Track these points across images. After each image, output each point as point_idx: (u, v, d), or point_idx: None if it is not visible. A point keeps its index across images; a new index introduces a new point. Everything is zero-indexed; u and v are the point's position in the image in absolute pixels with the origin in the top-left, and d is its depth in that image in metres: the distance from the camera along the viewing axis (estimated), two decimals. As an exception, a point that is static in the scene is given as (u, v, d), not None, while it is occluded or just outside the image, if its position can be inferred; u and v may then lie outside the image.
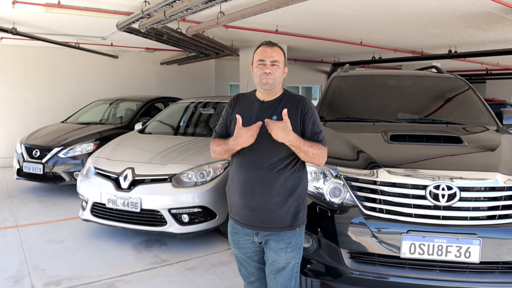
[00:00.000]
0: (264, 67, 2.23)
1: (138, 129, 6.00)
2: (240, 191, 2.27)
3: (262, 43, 2.31)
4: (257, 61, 2.26)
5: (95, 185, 4.53)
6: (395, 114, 4.05)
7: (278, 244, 2.25)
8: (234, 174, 2.32)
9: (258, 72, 2.24)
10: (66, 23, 7.03)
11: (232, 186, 2.34)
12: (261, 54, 2.25)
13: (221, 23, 5.75)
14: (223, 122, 2.38)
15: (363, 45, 9.03)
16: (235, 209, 2.34)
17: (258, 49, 2.30)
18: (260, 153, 2.22)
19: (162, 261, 4.07)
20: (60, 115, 9.18)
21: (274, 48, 2.28)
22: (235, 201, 2.32)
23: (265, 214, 2.23)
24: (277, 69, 2.25)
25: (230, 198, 2.37)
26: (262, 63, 2.23)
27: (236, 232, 2.34)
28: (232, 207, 2.37)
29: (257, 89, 2.33)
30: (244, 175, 2.26)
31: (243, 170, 2.26)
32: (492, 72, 15.28)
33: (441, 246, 2.52)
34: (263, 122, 2.18)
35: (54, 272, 3.82)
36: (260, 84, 2.26)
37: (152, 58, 11.50)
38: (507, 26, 6.76)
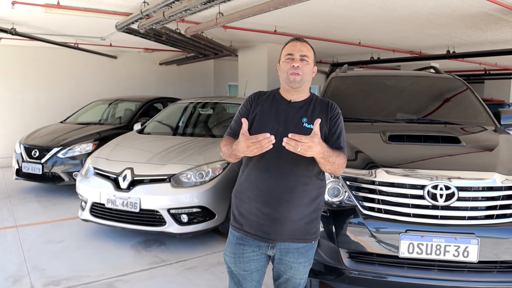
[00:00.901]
0: (292, 61, 2.03)
1: (137, 130, 6.00)
2: (262, 199, 2.01)
3: (290, 39, 2.13)
4: (285, 55, 2.06)
5: (94, 185, 4.54)
6: (393, 114, 4.06)
7: (298, 259, 2.07)
8: (254, 179, 2.05)
9: (285, 67, 2.04)
10: (65, 23, 7.03)
11: (249, 192, 2.06)
12: (289, 48, 2.06)
13: (220, 23, 5.76)
14: (240, 119, 2.05)
15: (361, 45, 9.05)
16: (247, 219, 2.06)
17: (286, 45, 2.11)
18: (289, 158, 1.96)
19: (161, 261, 4.08)
20: (59, 115, 9.18)
21: (304, 43, 2.09)
22: (251, 210, 2.04)
23: (289, 225, 2.01)
24: (307, 64, 2.04)
25: (242, 206, 2.08)
26: (291, 57, 2.04)
27: (243, 244, 2.07)
28: (242, 216, 2.08)
29: (283, 86, 2.11)
30: (269, 181, 2.00)
31: (269, 176, 2.01)
32: (490, 72, 15.30)
33: (439, 245, 2.53)
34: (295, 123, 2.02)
35: (53, 272, 3.83)
36: (287, 80, 2.04)
37: (151, 58, 11.50)
38: (505, 27, 6.79)
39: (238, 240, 2.09)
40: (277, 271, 2.15)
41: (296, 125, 2.02)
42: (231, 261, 2.12)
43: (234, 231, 2.11)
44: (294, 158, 1.93)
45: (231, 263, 2.12)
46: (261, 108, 2.09)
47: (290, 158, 1.95)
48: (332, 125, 2.08)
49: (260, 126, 2.02)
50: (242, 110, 2.15)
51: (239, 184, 2.13)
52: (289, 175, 2.00)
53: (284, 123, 2.02)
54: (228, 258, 2.13)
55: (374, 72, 6.81)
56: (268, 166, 2.01)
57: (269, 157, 1.97)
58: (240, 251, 2.08)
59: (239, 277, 2.12)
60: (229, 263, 2.13)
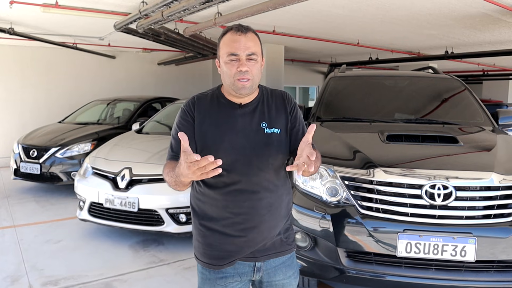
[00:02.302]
0: (238, 64, 1.60)
1: (135, 129, 6.01)
2: (241, 225, 1.67)
3: (229, 28, 1.65)
4: (226, 54, 1.61)
5: (93, 185, 4.54)
6: (391, 114, 4.07)
7: (287, 273, 1.80)
8: (224, 204, 1.67)
9: (230, 71, 1.62)
10: (64, 23, 7.03)
11: (221, 220, 1.68)
12: (232, 45, 1.60)
13: (219, 23, 5.76)
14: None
15: (360, 45, 9.07)
16: (225, 251, 1.69)
17: (225, 37, 1.64)
18: (259, 171, 1.67)
19: (160, 261, 4.08)
20: (57, 115, 9.18)
21: (249, 34, 1.63)
22: (227, 240, 1.68)
23: (273, 241, 1.75)
24: (255, 64, 1.64)
25: (212, 237, 1.69)
26: (235, 57, 1.61)
27: (224, 277, 1.70)
28: (211, 247, 1.70)
29: (229, 91, 1.69)
30: (246, 204, 1.66)
31: (243, 198, 1.66)
32: (488, 73, 15.34)
33: (437, 245, 2.53)
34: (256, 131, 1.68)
35: (51, 272, 3.82)
36: (234, 87, 1.63)
37: (149, 58, 11.50)
38: (503, 27, 6.81)
39: (216, 274, 1.71)
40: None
41: (257, 132, 1.68)
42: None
43: (208, 268, 1.71)
44: (263, 170, 1.67)
45: None
46: (208, 119, 1.67)
47: (259, 171, 1.67)
48: (294, 119, 1.76)
49: (215, 141, 1.64)
50: (182, 124, 1.68)
51: (201, 210, 1.72)
52: (264, 191, 1.68)
53: (242, 133, 1.66)
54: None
55: (372, 72, 6.82)
56: (239, 185, 1.65)
57: (236, 175, 1.64)
58: (223, 284, 1.71)
59: None
60: None
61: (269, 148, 1.68)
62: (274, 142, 1.69)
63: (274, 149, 1.69)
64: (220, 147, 1.63)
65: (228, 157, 1.60)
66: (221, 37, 1.67)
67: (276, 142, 1.69)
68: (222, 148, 1.63)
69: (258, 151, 1.66)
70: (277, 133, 1.70)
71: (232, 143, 1.64)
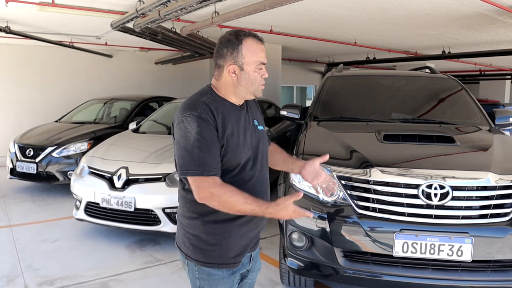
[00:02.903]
0: (264, 72, 1.74)
1: (132, 129, 5.99)
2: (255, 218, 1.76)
3: (250, 34, 1.72)
4: (256, 63, 1.70)
5: (89, 184, 4.52)
6: (388, 114, 4.07)
7: (258, 256, 1.97)
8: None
9: (257, 77, 1.72)
10: (60, 22, 7.00)
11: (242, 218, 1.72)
12: (260, 55, 1.72)
13: (216, 22, 5.75)
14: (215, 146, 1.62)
15: (357, 45, 9.07)
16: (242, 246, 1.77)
17: (251, 44, 1.70)
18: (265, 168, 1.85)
19: (156, 261, 4.07)
20: (54, 115, 9.14)
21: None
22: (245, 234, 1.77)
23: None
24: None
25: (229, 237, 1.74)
26: (263, 66, 1.74)
27: (234, 273, 1.79)
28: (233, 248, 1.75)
29: (237, 95, 1.75)
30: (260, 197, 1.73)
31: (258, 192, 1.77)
32: (485, 73, 15.39)
33: (434, 244, 2.54)
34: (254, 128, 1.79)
35: (47, 271, 3.81)
36: (257, 92, 1.75)
37: (146, 57, 11.47)
38: (500, 27, 6.82)
39: (228, 272, 1.77)
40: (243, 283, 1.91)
41: (255, 130, 1.80)
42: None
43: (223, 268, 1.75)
44: (264, 164, 1.83)
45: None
46: (227, 122, 1.68)
47: (263, 165, 1.82)
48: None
49: (237, 143, 1.70)
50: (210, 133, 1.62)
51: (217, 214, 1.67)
52: (267, 182, 1.87)
53: (249, 131, 1.77)
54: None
55: (369, 72, 6.83)
56: (253, 181, 1.75)
57: (252, 171, 1.75)
58: (232, 282, 1.79)
59: None
60: None
61: (264, 143, 1.85)
62: (264, 137, 1.86)
63: (265, 144, 1.87)
64: (242, 147, 1.70)
65: (247, 155, 1.72)
66: (240, 42, 1.69)
67: (264, 138, 1.87)
68: (244, 147, 1.71)
69: (260, 147, 1.80)
70: (263, 130, 1.87)
71: (247, 142, 1.74)
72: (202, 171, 1.59)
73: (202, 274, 1.77)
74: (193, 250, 1.76)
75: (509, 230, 2.54)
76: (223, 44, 1.72)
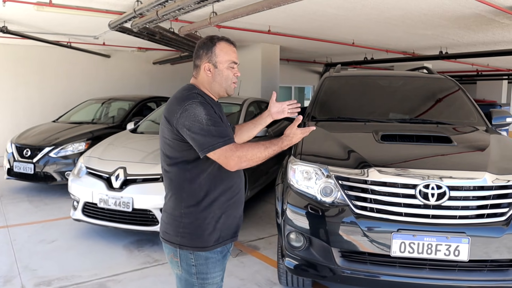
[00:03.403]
0: (235, 70, 1.96)
1: (130, 129, 5.97)
2: (240, 200, 1.99)
3: (223, 38, 1.96)
4: (229, 62, 1.93)
5: (87, 184, 4.51)
6: (386, 114, 4.08)
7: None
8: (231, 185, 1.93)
9: (230, 75, 1.94)
10: (58, 22, 6.99)
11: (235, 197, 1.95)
12: (232, 55, 1.94)
13: (214, 23, 5.76)
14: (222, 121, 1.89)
15: (355, 45, 9.08)
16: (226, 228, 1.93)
17: (223, 46, 1.93)
18: None
19: (154, 261, 4.07)
20: (51, 115, 9.13)
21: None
22: (232, 214, 1.95)
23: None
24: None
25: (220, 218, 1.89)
26: (235, 65, 1.96)
27: (226, 253, 1.96)
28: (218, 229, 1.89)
29: (214, 92, 1.96)
30: (240, 183, 1.99)
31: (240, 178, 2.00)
32: (482, 73, 15.44)
33: (431, 244, 2.54)
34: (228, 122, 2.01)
35: (44, 272, 3.80)
36: (229, 89, 1.96)
37: (144, 57, 11.47)
38: (497, 28, 6.84)
39: (221, 253, 1.93)
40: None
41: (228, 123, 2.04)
42: (218, 280, 1.94)
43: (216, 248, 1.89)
44: None
45: (218, 282, 1.94)
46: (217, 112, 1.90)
47: None
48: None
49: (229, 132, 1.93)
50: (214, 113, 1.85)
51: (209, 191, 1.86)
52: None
53: (228, 126, 1.98)
54: (217, 279, 1.93)
55: (367, 72, 6.83)
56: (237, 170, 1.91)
57: None
58: (225, 263, 1.97)
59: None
60: (216, 284, 1.94)
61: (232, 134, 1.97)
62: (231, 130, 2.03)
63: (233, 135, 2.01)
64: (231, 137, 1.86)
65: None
66: (214, 44, 1.92)
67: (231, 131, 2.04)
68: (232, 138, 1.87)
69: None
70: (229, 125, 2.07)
71: (232, 133, 1.92)
72: (224, 141, 1.77)
73: (199, 259, 1.88)
74: (190, 238, 1.86)
75: (505, 229, 2.55)
76: (200, 47, 1.95)
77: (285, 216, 2.93)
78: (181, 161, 1.87)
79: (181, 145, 1.85)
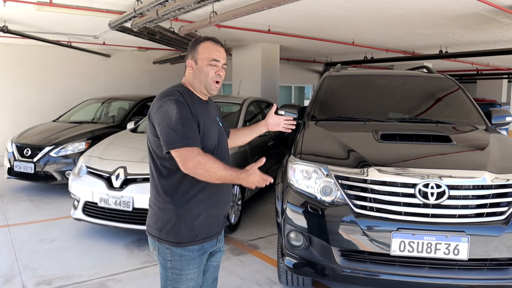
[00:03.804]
0: (217, 69, 1.97)
1: (130, 128, 5.97)
2: (221, 200, 2.04)
3: (207, 38, 2.02)
4: (208, 59, 1.96)
5: (87, 184, 4.52)
6: (386, 113, 4.08)
7: (222, 241, 2.20)
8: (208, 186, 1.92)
9: (210, 73, 1.96)
10: (58, 21, 7.00)
11: (211, 197, 1.96)
12: (214, 53, 1.97)
13: (214, 22, 5.76)
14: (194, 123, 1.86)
15: (355, 45, 9.08)
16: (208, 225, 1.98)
17: (206, 44, 1.98)
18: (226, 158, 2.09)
19: (154, 260, 4.06)
20: (51, 114, 9.13)
21: (224, 49, 2.05)
22: (212, 214, 1.99)
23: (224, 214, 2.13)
24: (224, 72, 2.04)
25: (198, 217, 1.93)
26: (216, 63, 1.97)
27: (204, 252, 2.00)
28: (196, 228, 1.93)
29: (197, 89, 2.01)
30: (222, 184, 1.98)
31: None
32: (482, 72, 15.43)
33: (430, 243, 2.55)
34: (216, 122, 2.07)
35: (45, 271, 3.81)
36: (210, 87, 1.98)
37: (144, 57, 11.47)
38: (496, 27, 6.85)
39: (198, 252, 1.96)
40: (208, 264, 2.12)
41: (217, 123, 2.09)
42: (194, 277, 1.97)
43: (191, 246, 1.93)
44: (227, 152, 2.13)
45: (193, 279, 1.97)
46: (200, 114, 1.93)
47: (225, 153, 2.10)
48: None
49: (208, 131, 1.95)
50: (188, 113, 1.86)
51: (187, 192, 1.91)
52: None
53: (213, 123, 2.03)
54: (192, 276, 1.96)
55: (367, 71, 6.81)
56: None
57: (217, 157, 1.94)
58: (201, 261, 2.00)
59: (197, 286, 2.03)
60: (191, 280, 1.97)
61: (223, 135, 2.10)
62: (222, 130, 2.12)
63: (224, 136, 2.13)
64: (210, 135, 1.95)
65: (214, 143, 1.98)
66: (198, 43, 2.00)
67: (223, 131, 2.13)
68: (211, 136, 1.96)
69: (221, 138, 2.07)
70: (221, 126, 2.14)
71: (214, 131, 2.00)
72: (187, 142, 1.80)
73: (174, 255, 1.94)
74: (166, 233, 1.92)
75: (505, 228, 2.56)
76: (188, 47, 2.06)
77: (285, 215, 2.94)
78: (160, 156, 1.91)
79: (157, 140, 1.89)
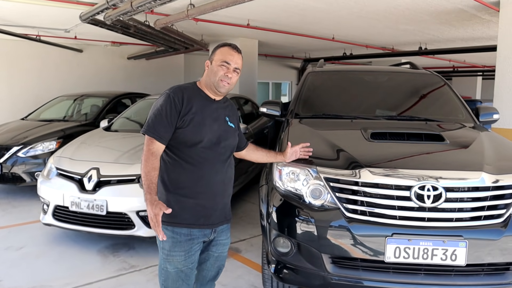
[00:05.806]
0: (227, 70, 2.19)
1: (103, 127, 5.73)
2: (211, 192, 2.22)
3: (227, 43, 2.27)
4: (221, 60, 2.20)
5: (57, 186, 4.26)
6: (372, 110, 3.95)
7: (226, 235, 2.39)
8: (200, 175, 2.17)
9: (219, 72, 2.19)
10: (26, 13, 6.67)
11: (196, 187, 2.17)
12: (227, 56, 2.20)
13: (191, 15, 5.54)
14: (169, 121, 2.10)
15: (335, 40, 9.02)
16: (193, 213, 2.17)
17: (223, 49, 2.23)
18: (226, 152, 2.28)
19: (131, 267, 3.85)
20: (22, 112, 8.73)
21: (240, 55, 2.26)
22: (200, 204, 2.18)
23: (225, 208, 2.32)
24: (236, 76, 2.24)
25: (186, 201, 2.16)
26: (227, 65, 2.19)
27: (192, 238, 2.17)
28: (185, 210, 2.15)
29: (208, 87, 2.25)
30: (216, 176, 2.22)
31: (215, 171, 2.22)
32: (458, 70, 15.70)
33: (427, 249, 2.41)
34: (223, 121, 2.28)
35: (12, 282, 3.55)
36: (216, 85, 2.20)
37: (118, 52, 11.18)
38: (477, 24, 6.86)
39: (186, 236, 2.16)
40: (207, 253, 2.35)
41: (224, 122, 2.28)
42: (180, 260, 2.16)
43: (179, 228, 2.14)
44: (228, 151, 2.28)
45: (180, 262, 2.16)
46: (196, 109, 2.16)
47: (226, 152, 2.27)
48: (238, 124, 2.42)
49: (199, 126, 2.14)
50: (169, 111, 2.11)
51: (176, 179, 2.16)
52: (228, 167, 2.29)
53: (217, 121, 2.23)
54: (178, 258, 2.16)
55: (352, 67, 6.69)
56: (214, 161, 2.20)
57: (211, 152, 2.19)
58: (189, 247, 2.17)
59: (187, 271, 2.19)
60: (178, 262, 2.16)
61: (229, 135, 2.29)
62: (231, 132, 2.32)
63: (231, 137, 2.31)
64: (202, 129, 2.15)
65: (209, 137, 2.17)
66: (218, 47, 2.26)
67: (232, 132, 2.33)
68: (203, 130, 2.16)
69: (224, 135, 2.25)
70: (233, 127, 2.34)
71: (213, 128, 2.21)
72: (147, 130, 2.11)
73: (168, 235, 2.12)
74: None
75: (503, 232, 2.44)
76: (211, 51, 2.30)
77: (271, 219, 2.76)
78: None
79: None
